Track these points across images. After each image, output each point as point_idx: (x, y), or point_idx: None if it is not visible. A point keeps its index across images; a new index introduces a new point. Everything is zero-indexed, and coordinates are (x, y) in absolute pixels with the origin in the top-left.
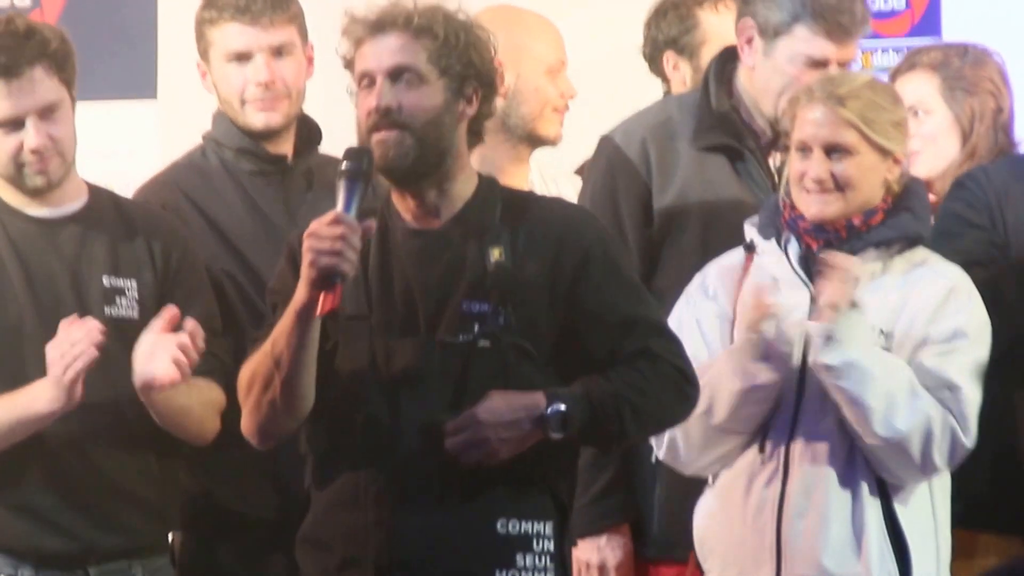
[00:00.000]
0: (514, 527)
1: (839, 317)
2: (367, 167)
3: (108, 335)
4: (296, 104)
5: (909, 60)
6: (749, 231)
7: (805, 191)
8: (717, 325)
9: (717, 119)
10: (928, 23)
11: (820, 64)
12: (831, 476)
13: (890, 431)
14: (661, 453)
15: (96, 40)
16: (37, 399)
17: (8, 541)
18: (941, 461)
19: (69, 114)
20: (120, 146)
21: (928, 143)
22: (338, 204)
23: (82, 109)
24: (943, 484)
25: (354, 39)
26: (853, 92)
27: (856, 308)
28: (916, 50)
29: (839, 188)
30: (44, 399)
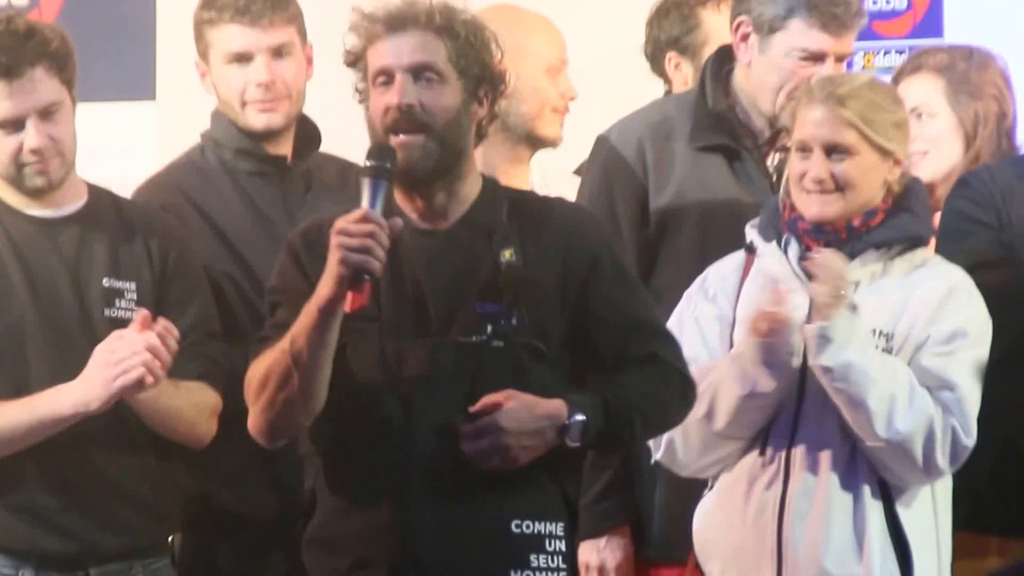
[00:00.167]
0: (528, 527)
1: (834, 317)
2: (392, 165)
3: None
4: (296, 104)
5: (913, 62)
6: (750, 233)
7: (805, 191)
8: (717, 327)
9: (714, 119)
10: (930, 24)
11: (817, 57)
12: (832, 478)
13: (891, 432)
14: (659, 455)
15: (94, 41)
16: (61, 401)
17: (9, 542)
18: (943, 462)
19: (69, 114)
20: (119, 147)
21: (932, 146)
22: (363, 202)
23: (81, 110)
24: (944, 486)
25: (367, 35)
26: (853, 92)
27: (852, 308)
28: (920, 52)
29: (839, 188)
30: (69, 400)
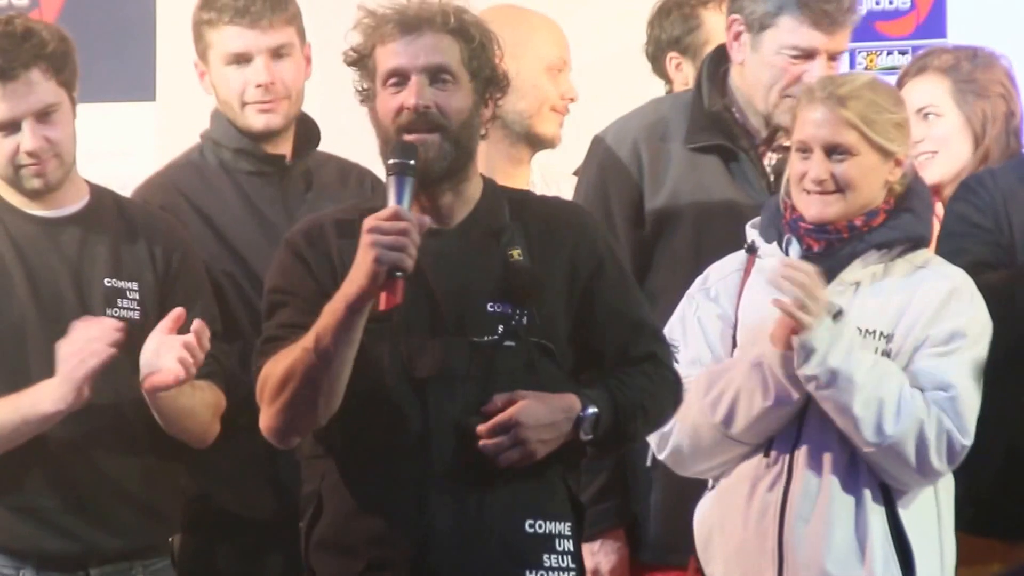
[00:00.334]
0: (540, 527)
1: (815, 326)
2: (416, 161)
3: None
4: (296, 105)
5: (918, 63)
6: (751, 233)
7: (805, 192)
8: (719, 327)
9: (710, 119)
10: (933, 24)
11: (808, 55)
12: (834, 481)
13: (880, 437)
14: (663, 455)
15: (94, 41)
16: (43, 399)
17: (10, 542)
18: (939, 463)
19: (68, 116)
20: (119, 148)
21: (940, 146)
22: (390, 200)
23: (81, 111)
24: (947, 488)
25: (378, 35)
26: (854, 92)
27: (837, 315)
28: (925, 53)
29: (839, 189)
30: (50, 398)
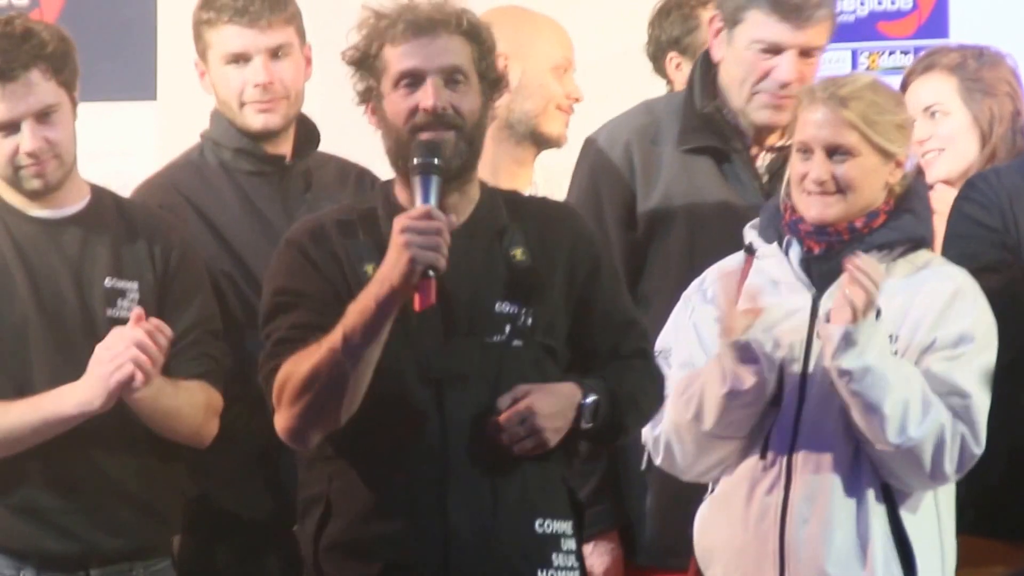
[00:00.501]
0: (548, 526)
1: (861, 320)
2: (440, 160)
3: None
4: (295, 105)
5: (925, 62)
6: (749, 234)
7: (806, 193)
8: (716, 329)
9: (702, 120)
10: (935, 24)
11: (776, 49)
12: (835, 483)
13: (903, 438)
14: (658, 460)
15: (95, 41)
16: (65, 401)
17: (10, 542)
18: (951, 469)
19: (67, 116)
20: (119, 148)
21: (947, 144)
22: (417, 199)
23: (81, 110)
24: (947, 490)
25: (388, 36)
26: (855, 93)
27: (876, 314)
28: (931, 51)
29: (840, 190)
30: (74, 400)
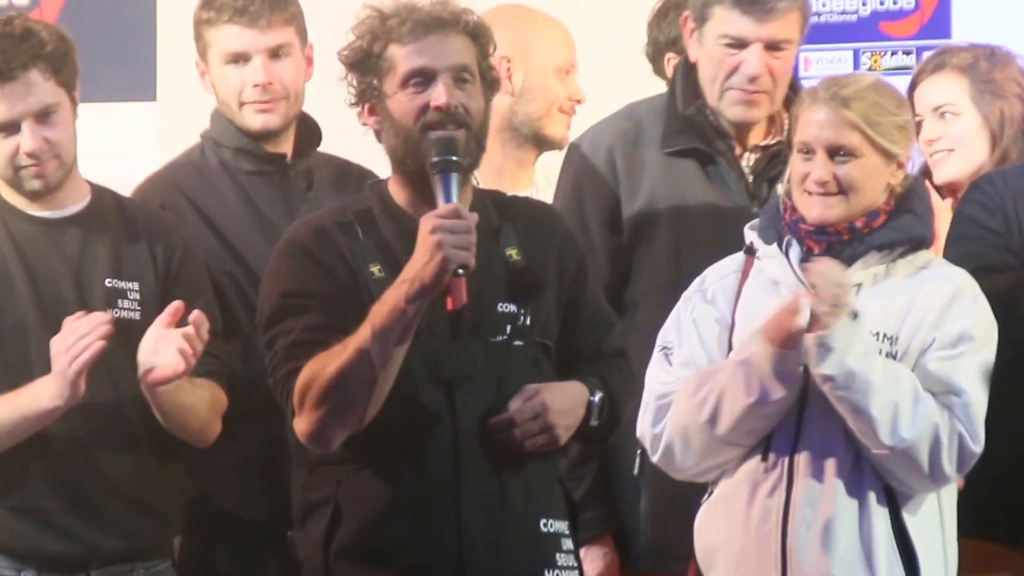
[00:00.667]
0: (551, 526)
1: (833, 326)
2: (458, 157)
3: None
4: (295, 105)
5: (935, 61)
6: (749, 235)
7: (807, 193)
8: (716, 330)
9: (684, 123)
10: (937, 24)
11: (741, 43)
12: (838, 485)
13: (896, 440)
14: (655, 458)
15: (95, 41)
16: (40, 396)
17: (11, 543)
18: (950, 468)
19: (67, 116)
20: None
21: (957, 144)
22: (440, 198)
23: (81, 111)
24: (950, 492)
25: (394, 35)
26: (857, 94)
27: (853, 315)
28: (941, 50)
29: (842, 191)
30: (47, 395)
